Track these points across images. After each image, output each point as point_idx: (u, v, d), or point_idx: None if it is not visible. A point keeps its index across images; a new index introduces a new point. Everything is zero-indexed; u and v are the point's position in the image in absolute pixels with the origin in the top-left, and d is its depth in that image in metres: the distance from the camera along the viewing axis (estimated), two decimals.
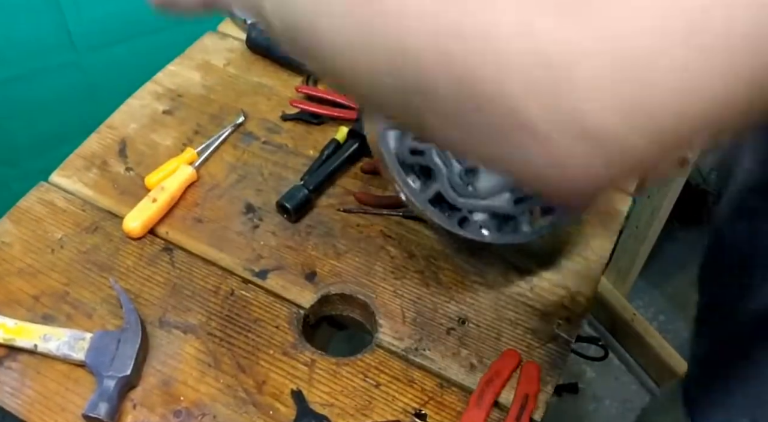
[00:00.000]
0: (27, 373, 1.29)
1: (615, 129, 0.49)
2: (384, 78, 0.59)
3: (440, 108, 0.55)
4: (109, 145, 1.67)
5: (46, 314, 1.37)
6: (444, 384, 1.33)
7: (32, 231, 1.49)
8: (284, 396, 1.29)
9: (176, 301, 1.40)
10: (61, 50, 2.20)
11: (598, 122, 0.49)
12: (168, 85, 1.82)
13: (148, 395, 1.29)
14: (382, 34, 0.57)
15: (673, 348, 2.86)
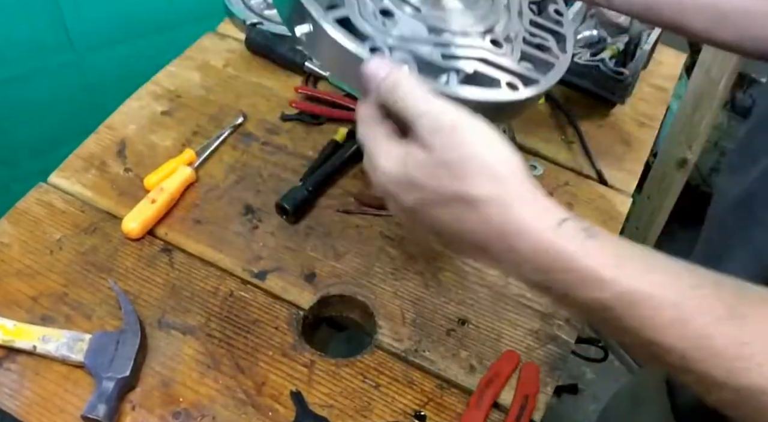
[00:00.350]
0: (26, 374, 1.29)
1: None
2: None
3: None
4: (108, 146, 1.67)
5: (44, 315, 1.36)
6: (444, 385, 1.33)
7: (31, 232, 1.49)
8: (283, 398, 1.29)
9: (175, 302, 1.40)
10: (60, 50, 2.20)
11: None
12: (167, 86, 1.82)
13: (147, 396, 1.28)
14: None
15: None
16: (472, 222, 0.81)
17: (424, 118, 0.84)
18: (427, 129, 0.83)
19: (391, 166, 0.86)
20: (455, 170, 0.81)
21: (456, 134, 0.82)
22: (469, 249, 0.86)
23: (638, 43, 1.80)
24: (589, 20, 1.88)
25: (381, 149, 0.88)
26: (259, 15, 1.97)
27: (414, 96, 0.86)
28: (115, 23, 2.24)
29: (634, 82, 1.79)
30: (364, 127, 0.91)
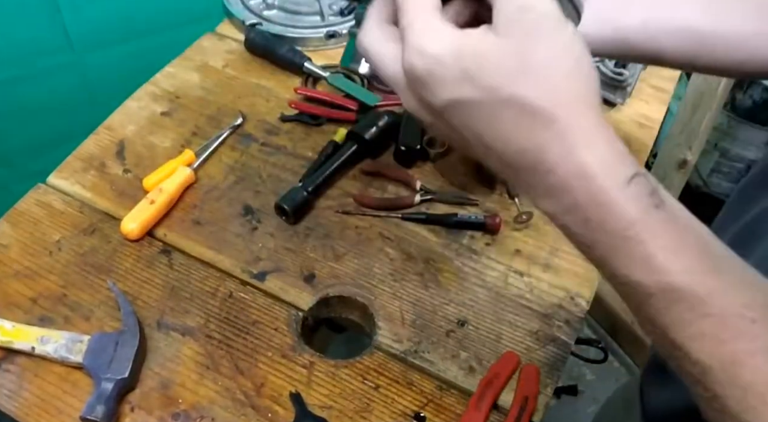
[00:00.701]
0: (24, 376, 1.29)
1: None
2: None
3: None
4: (107, 147, 1.67)
5: (43, 316, 1.36)
6: (443, 386, 1.33)
7: (30, 233, 1.49)
8: (283, 399, 1.29)
9: (174, 303, 1.40)
10: (59, 51, 2.20)
11: None
12: (166, 87, 1.82)
13: (146, 397, 1.28)
14: None
15: None
16: (526, 141, 0.71)
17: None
18: (510, 7, 0.70)
19: (439, 46, 0.71)
20: (531, 70, 0.69)
21: (545, 27, 0.70)
22: (504, 167, 0.75)
23: None
24: None
25: (428, 22, 0.72)
26: (258, 16, 1.97)
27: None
28: (114, 24, 2.24)
29: (633, 82, 1.79)
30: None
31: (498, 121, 0.71)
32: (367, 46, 0.79)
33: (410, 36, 0.72)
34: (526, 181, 0.74)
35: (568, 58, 0.70)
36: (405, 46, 0.73)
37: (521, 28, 0.69)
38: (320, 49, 1.94)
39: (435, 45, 0.71)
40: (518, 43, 0.69)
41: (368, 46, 0.79)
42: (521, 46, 0.69)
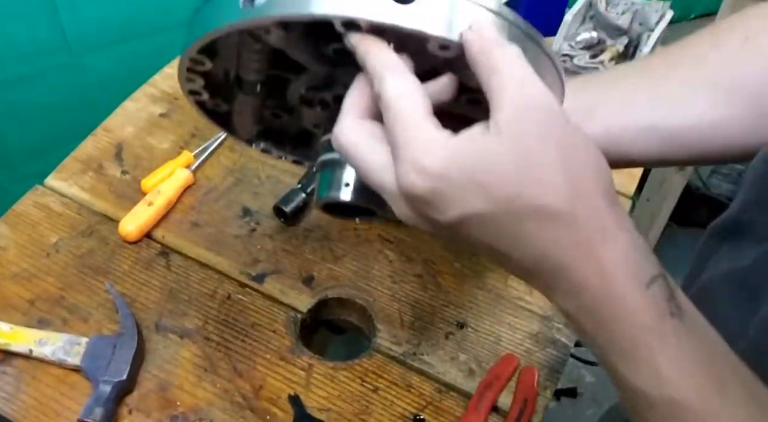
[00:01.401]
0: (22, 378, 1.29)
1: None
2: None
3: None
4: (105, 148, 1.66)
5: (41, 318, 1.36)
6: (442, 388, 1.32)
7: (27, 235, 1.48)
8: (281, 401, 1.29)
9: (173, 305, 1.40)
10: (56, 52, 2.19)
11: None
12: (164, 88, 1.82)
13: (144, 400, 1.28)
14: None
15: None
16: (545, 246, 0.67)
17: (511, 86, 0.66)
18: (511, 107, 0.65)
19: (440, 162, 0.65)
20: (544, 174, 0.65)
21: (550, 125, 0.66)
22: (521, 271, 0.71)
23: (638, 45, 1.79)
24: (589, 22, 1.88)
25: (423, 134, 0.66)
26: None
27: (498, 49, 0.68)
28: (112, 25, 2.23)
29: None
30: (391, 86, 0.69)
31: (514, 231, 0.67)
32: (347, 147, 0.72)
33: (405, 152, 0.66)
34: (544, 282, 0.71)
35: (579, 155, 0.67)
36: (400, 162, 0.67)
37: (526, 130, 0.65)
38: None
39: (435, 161, 0.65)
40: (525, 145, 0.65)
41: (349, 149, 0.72)
42: (529, 149, 0.65)
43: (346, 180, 0.83)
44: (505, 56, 0.67)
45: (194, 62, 0.87)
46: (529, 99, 0.65)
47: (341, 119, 0.73)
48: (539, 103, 0.66)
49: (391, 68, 0.70)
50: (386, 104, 0.68)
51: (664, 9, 1.81)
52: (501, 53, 0.67)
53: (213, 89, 0.96)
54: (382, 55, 0.71)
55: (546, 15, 1.91)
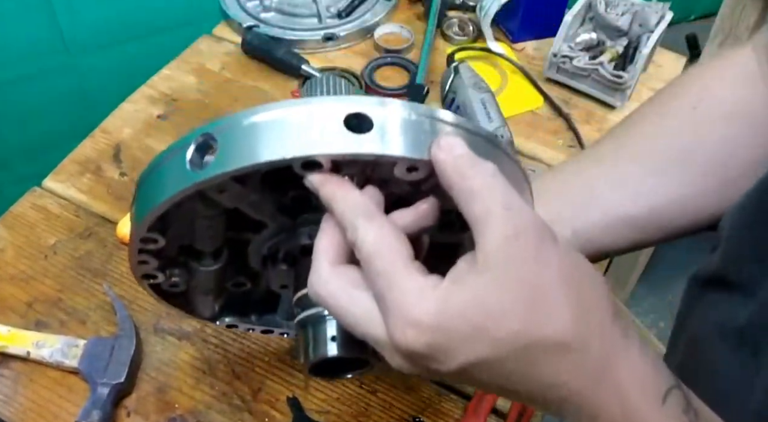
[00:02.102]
0: (20, 380, 1.28)
1: None
2: None
3: None
4: (104, 150, 1.66)
5: (39, 320, 1.36)
6: (442, 391, 1.32)
7: (25, 236, 1.48)
8: (280, 403, 1.28)
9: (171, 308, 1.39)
10: (54, 53, 2.20)
11: None
12: (163, 89, 1.81)
13: (143, 402, 1.28)
14: None
15: None
16: (554, 377, 0.63)
17: (495, 213, 0.63)
18: (496, 240, 0.62)
19: (433, 314, 0.61)
20: (542, 305, 0.62)
21: (538, 250, 0.63)
22: (531, 402, 0.68)
23: (637, 47, 1.79)
24: (588, 23, 1.87)
25: (409, 284, 0.62)
26: (255, 18, 1.96)
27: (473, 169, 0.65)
28: (110, 26, 2.23)
29: (633, 85, 1.78)
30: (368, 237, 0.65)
31: (522, 367, 0.63)
32: (326, 299, 0.68)
33: (393, 306, 0.63)
34: (557, 410, 0.67)
35: (576, 276, 0.65)
36: (389, 317, 0.63)
37: (518, 259, 0.62)
38: (318, 52, 1.93)
39: (428, 313, 0.61)
40: (520, 277, 0.62)
41: (329, 300, 0.68)
42: (525, 280, 0.62)
43: (330, 334, 0.79)
44: (482, 177, 0.64)
45: (146, 241, 0.81)
46: (517, 225, 0.63)
47: (315, 268, 0.69)
48: (528, 227, 0.63)
49: (361, 215, 0.66)
50: (364, 256, 0.65)
51: (664, 10, 1.80)
52: (478, 174, 0.64)
53: (168, 269, 0.92)
54: (349, 200, 0.67)
55: (545, 16, 1.91)
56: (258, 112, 0.67)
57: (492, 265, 0.61)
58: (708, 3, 4.10)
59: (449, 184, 0.65)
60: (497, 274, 0.61)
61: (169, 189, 0.71)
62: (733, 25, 2.24)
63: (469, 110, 1.62)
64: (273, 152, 0.65)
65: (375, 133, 0.65)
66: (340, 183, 0.68)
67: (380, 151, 0.65)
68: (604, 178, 1.01)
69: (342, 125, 0.65)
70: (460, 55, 1.89)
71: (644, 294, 3.24)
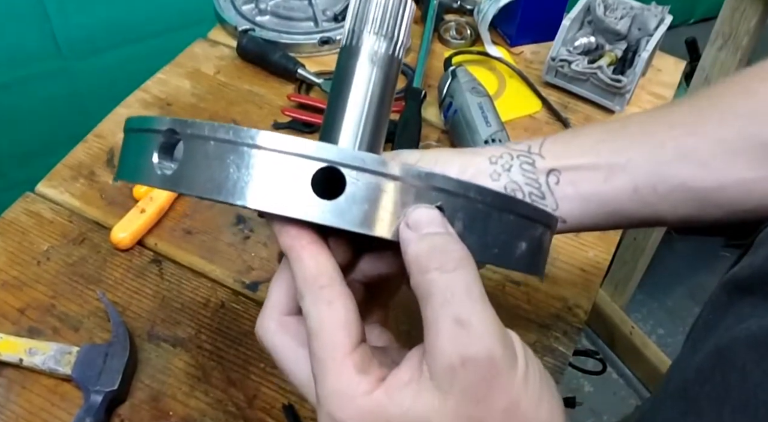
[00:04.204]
0: (12, 388, 1.27)
1: None
2: None
3: None
4: (97, 155, 1.65)
5: (31, 327, 1.35)
6: None
7: (18, 242, 1.47)
8: (275, 411, 1.27)
9: (165, 314, 1.38)
10: (47, 58, 2.20)
11: None
12: (157, 94, 1.80)
13: (137, 410, 1.26)
14: None
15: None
16: None
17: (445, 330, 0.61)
18: (448, 356, 0.60)
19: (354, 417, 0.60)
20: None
21: (493, 375, 0.60)
22: None
23: (637, 50, 1.78)
24: (587, 27, 1.86)
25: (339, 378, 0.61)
26: (250, 21, 1.96)
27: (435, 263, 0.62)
28: (103, 30, 2.23)
29: (632, 89, 1.78)
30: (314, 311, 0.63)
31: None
32: (272, 350, 0.69)
33: (322, 393, 0.61)
34: None
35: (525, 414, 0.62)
36: (319, 405, 0.62)
37: (455, 394, 0.59)
38: (314, 56, 1.93)
39: (351, 416, 0.60)
40: (456, 409, 0.59)
41: (274, 353, 0.68)
42: (461, 413, 0.59)
43: None
44: (441, 275, 0.62)
45: None
46: (464, 353, 0.59)
47: (262, 316, 0.69)
48: (478, 356, 0.59)
49: (313, 284, 0.63)
50: (309, 330, 0.63)
51: (663, 13, 1.79)
52: (438, 268, 0.62)
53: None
54: (304, 264, 0.64)
55: (544, 20, 1.91)
56: (234, 131, 0.64)
57: (432, 389, 0.59)
58: (707, 6, 4.11)
59: (408, 269, 0.63)
60: (436, 401, 0.59)
61: (141, 176, 0.69)
62: (733, 28, 2.23)
63: (466, 114, 1.61)
64: (230, 196, 0.62)
65: (344, 201, 0.61)
66: (298, 237, 0.65)
67: (339, 225, 0.61)
68: (673, 143, 0.99)
69: (309, 187, 0.61)
70: (457, 58, 1.89)
71: (644, 300, 3.25)
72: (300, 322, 0.66)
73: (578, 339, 1.43)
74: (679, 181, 0.96)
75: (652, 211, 0.98)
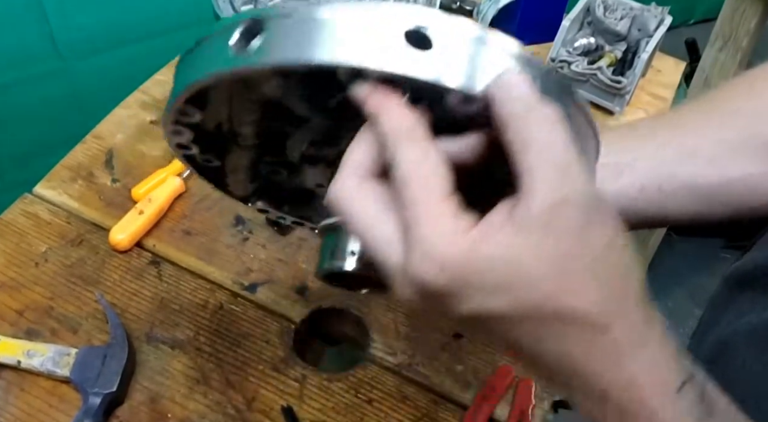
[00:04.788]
0: (10, 390, 1.27)
1: None
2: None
3: None
4: (96, 156, 1.65)
5: (30, 329, 1.34)
6: (438, 400, 1.31)
7: (16, 244, 1.47)
8: (274, 413, 1.27)
9: (164, 316, 1.38)
10: (46, 58, 2.19)
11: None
12: (156, 95, 1.80)
13: (135, 412, 1.26)
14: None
15: None
16: (568, 348, 0.62)
17: (549, 173, 0.59)
18: (547, 199, 0.58)
19: (458, 256, 0.58)
20: (576, 279, 0.60)
21: (584, 225, 0.60)
22: (537, 369, 0.67)
23: (636, 51, 1.78)
24: (587, 27, 1.86)
25: (440, 221, 0.59)
26: None
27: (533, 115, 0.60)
28: (102, 30, 2.23)
29: (632, 90, 1.78)
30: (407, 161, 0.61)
31: (537, 332, 0.62)
32: (346, 213, 0.64)
33: (419, 238, 0.59)
34: (564, 382, 0.65)
35: (609, 260, 0.62)
36: (412, 248, 0.60)
37: (555, 231, 0.59)
38: None
39: (454, 254, 0.58)
40: (558, 248, 0.59)
41: (350, 215, 0.64)
42: (562, 253, 0.59)
43: (351, 248, 0.77)
44: (541, 126, 0.60)
45: (181, 114, 0.77)
46: (567, 193, 0.59)
47: (340, 178, 0.65)
48: (579, 198, 0.60)
49: (405, 135, 0.62)
50: (399, 180, 0.61)
51: (663, 14, 1.79)
52: (537, 121, 0.60)
53: (203, 143, 0.86)
54: (395, 117, 0.62)
55: (543, 20, 1.90)
56: (314, 6, 0.63)
57: (531, 228, 0.58)
58: (707, 7, 4.10)
59: (503, 125, 0.61)
60: (534, 239, 0.58)
61: (209, 68, 0.67)
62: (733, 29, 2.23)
63: None
64: (322, 53, 0.61)
65: (435, 53, 0.61)
66: (388, 98, 0.63)
67: (435, 77, 0.60)
68: (678, 142, 0.99)
69: (403, 38, 0.61)
70: None
71: None
72: (377, 186, 0.64)
73: None
74: (684, 179, 0.97)
75: (659, 210, 0.98)
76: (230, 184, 0.99)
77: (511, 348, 0.65)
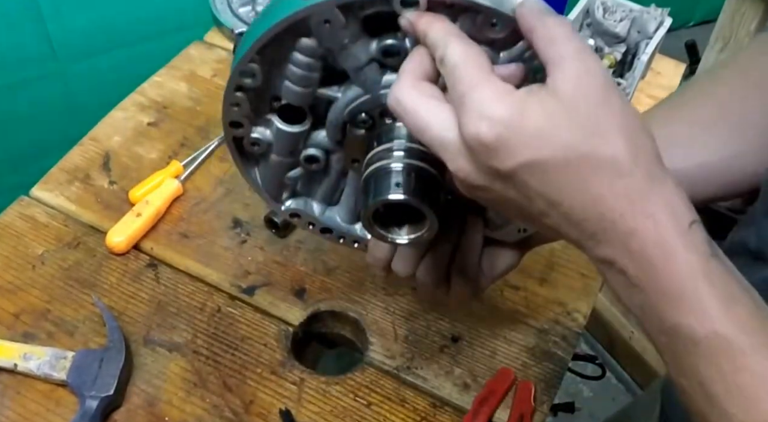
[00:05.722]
0: (7, 393, 1.27)
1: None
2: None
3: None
4: (92, 158, 1.64)
5: (26, 332, 1.34)
6: (437, 403, 1.30)
7: (12, 246, 1.46)
8: (272, 416, 1.27)
9: (161, 319, 1.38)
10: (43, 61, 2.19)
11: None
12: (153, 97, 1.79)
13: (132, 415, 1.26)
14: None
15: None
16: (599, 190, 0.71)
17: (570, 55, 0.72)
18: (573, 70, 0.71)
19: (505, 110, 0.70)
20: (606, 128, 0.70)
21: (609, 93, 0.71)
22: (563, 220, 0.75)
23: (636, 53, 1.78)
24: (586, 29, 1.86)
25: (488, 86, 0.72)
26: (247, 24, 1.94)
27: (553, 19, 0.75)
28: (99, 33, 2.22)
29: (632, 92, 1.77)
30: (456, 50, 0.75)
31: (572, 178, 0.71)
32: (405, 105, 0.77)
33: (471, 102, 0.71)
34: (590, 231, 0.73)
35: (629, 118, 0.72)
36: (465, 112, 0.72)
37: (586, 94, 0.71)
38: None
39: (503, 108, 0.70)
40: (586, 105, 0.70)
41: (407, 106, 0.77)
42: (590, 109, 0.70)
43: (395, 180, 0.86)
44: (561, 27, 0.74)
45: (244, 75, 0.91)
46: (589, 66, 0.72)
47: (399, 81, 0.78)
48: (598, 70, 0.72)
49: (453, 34, 0.77)
50: (452, 65, 0.75)
51: (663, 16, 1.79)
52: (557, 24, 0.74)
53: (255, 119, 1.00)
54: (445, 25, 0.78)
55: None
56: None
57: (562, 92, 0.71)
58: (707, 9, 4.11)
59: (530, 29, 0.75)
60: (567, 99, 0.70)
61: (280, 13, 0.82)
62: (733, 31, 2.23)
63: None
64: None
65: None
66: (436, 15, 0.80)
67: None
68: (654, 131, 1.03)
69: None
70: None
71: None
72: (430, 85, 0.78)
73: (577, 343, 1.42)
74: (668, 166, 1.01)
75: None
76: (267, 177, 1.11)
77: (543, 203, 0.74)
